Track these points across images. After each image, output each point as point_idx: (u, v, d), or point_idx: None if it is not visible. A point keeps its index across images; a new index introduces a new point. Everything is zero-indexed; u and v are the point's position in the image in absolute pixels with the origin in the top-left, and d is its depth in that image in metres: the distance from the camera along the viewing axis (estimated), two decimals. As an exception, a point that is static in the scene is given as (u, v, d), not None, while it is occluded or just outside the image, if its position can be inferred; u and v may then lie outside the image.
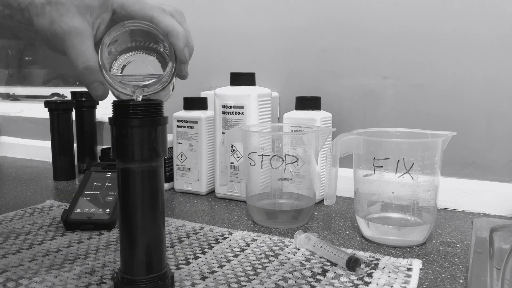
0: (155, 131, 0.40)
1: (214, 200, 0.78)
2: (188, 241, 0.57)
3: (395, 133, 0.62)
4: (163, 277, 0.41)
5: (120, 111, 0.39)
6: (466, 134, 0.73)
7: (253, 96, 0.73)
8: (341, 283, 0.45)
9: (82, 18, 0.42)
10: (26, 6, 0.43)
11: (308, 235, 0.55)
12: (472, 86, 0.72)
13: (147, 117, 0.39)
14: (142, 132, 0.39)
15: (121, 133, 0.39)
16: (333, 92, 0.82)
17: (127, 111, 0.39)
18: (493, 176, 0.72)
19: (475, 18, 0.71)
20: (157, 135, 0.40)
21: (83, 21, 0.43)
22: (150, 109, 0.39)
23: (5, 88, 1.57)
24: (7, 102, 1.49)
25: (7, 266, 0.49)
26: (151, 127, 0.39)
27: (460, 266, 0.51)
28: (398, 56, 0.77)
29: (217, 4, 0.92)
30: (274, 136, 0.67)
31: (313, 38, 0.83)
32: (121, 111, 0.39)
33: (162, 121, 0.40)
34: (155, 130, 0.40)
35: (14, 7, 0.44)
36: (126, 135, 0.39)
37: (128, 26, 0.41)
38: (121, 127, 0.39)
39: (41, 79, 1.57)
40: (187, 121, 0.79)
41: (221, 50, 0.93)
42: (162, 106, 0.41)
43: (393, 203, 0.58)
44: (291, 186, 0.66)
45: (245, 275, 0.47)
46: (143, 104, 0.39)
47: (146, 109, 0.39)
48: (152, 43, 0.42)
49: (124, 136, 0.39)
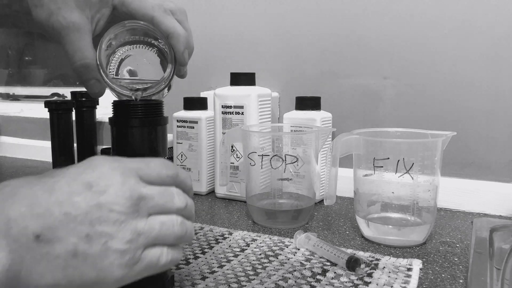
0: (155, 131, 0.40)
1: (214, 200, 0.78)
2: (188, 241, 0.57)
3: (395, 133, 0.62)
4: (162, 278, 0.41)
5: (120, 111, 0.39)
6: (466, 134, 0.73)
7: (253, 96, 0.73)
8: (341, 283, 0.45)
9: (81, 12, 0.41)
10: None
11: (308, 235, 0.55)
12: (472, 86, 0.72)
13: (147, 117, 0.39)
14: (142, 132, 0.39)
15: (121, 133, 0.39)
16: (333, 92, 0.82)
17: (127, 111, 0.39)
18: (493, 176, 0.72)
19: (475, 17, 0.71)
20: (157, 135, 0.40)
21: (81, 15, 0.41)
22: (150, 109, 0.39)
23: (5, 88, 1.57)
24: (7, 102, 1.49)
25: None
26: (151, 127, 0.39)
27: (460, 266, 0.51)
28: (398, 56, 0.77)
29: (217, 4, 0.92)
30: (274, 136, 0.67)
31: (313, 38, 0.83)
32: (121, 111, 0.39)
33: (162, 121, 0.40)
34: (155, 130, 0.40)
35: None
36: (126, 135, 0.39)
37: (128, 26, 0.41)
38: (121, 127, 0.39)
39: (41, 79, 1.57)
40: (187, 121, 0.79)
41: (221, 50, 0.93)
42: (162, 106, 0.41)
43: (393, 203, 0.58)
44: (291, 186, 0.66)
45: (245, 275, 0.47)
46: (143, 104, 0.39)
47: (146, 109, 0.39)
48: (152, 39, 0.42)
49: (124, 136, 0.39)
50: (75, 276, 0.29)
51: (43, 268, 0.28)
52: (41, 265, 0.28)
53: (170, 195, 0.35)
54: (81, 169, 0.32)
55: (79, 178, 0.31)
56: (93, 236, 0.29)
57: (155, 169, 0.35)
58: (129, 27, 0.41)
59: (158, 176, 0.34)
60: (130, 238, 0.31)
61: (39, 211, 0.29)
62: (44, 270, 0.28)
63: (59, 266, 0.28)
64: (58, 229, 0.29)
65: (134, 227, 0.31)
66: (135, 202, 0.32)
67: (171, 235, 0.34)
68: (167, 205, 0.34)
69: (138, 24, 0.41)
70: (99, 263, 0.30)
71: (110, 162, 0.33)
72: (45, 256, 0.28)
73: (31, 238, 0.28)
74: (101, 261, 0.30)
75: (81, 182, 0.31)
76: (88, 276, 0.29)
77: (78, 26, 0.41)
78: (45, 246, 0.28)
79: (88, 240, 0.29)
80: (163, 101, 0.41)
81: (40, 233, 0.28)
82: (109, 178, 0.32)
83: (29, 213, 0.28)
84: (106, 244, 0.30)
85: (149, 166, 0.34)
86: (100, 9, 0.42)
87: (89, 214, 0.30)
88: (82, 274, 0.29)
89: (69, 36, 0.41)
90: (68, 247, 0.29)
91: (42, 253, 0.28)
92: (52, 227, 0.28)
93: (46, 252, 0.28)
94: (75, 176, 0.31)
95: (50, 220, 0.29)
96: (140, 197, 0.32)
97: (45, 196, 0.29)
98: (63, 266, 0.29)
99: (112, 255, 0.30)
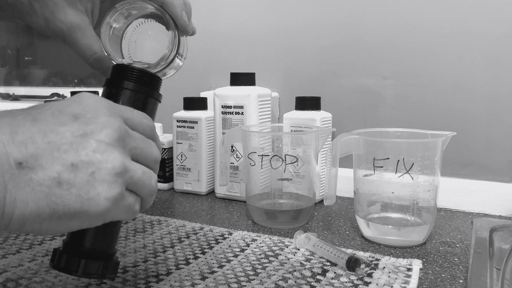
0: (146, 100, 0.39)
1: (214, 200, 0.78)
2: (188, 241, 0.57)
3: (395, 133, 0.62)
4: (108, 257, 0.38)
5: (117, 72, 0.39)
6: (466, 134, 0.73)
7: (253, 96, 0.73)
8: (341, 283, 0.45)
9: (74, 9, 0.41)
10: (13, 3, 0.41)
11: (308, 235, 0.55)
12: (472, 86, 0.72)
13: (141, 83, 0.39)
14: (135, 96, 0.38)
15: (112, 93, 0.38)
16: (333, 92, 0.82)
17: (123, 73, 0.38)
18: (493, 176, 0.72)
19: (475, 18, 0.71)
20: (147, 105, 0.39)
21: (76, 12, 0.41)
22: (147, 78, 0.39)
23: (5, 88, 1.57)
24: (7, 102, 1.49)
25: (7, 266, 0.48)
26: (143, 94, 0.39)
27: (460, 266, 0.51)
28: (398, 56, 0.77)
29: (217, 4, 0.92)
30: (274, 136, 0.67)
31: (313, 38, 0.83)
32: (118, 73, 0.39)
33: (155, 95, 0.40)
34: (146, 100, 0.39)
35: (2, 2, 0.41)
36: (117, 95, 0.38)
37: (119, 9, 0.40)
38: (114, 87, 0.39)
39: (40, 79, 1.58)
40: (187, 121, 0.79)
41: (221, 50, 0.93)
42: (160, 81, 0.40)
43: (393, 203, 0.58)
44: (291, 186, 0.66)
45: (245, 275, 0.47)
46: (141, 70, 0.39)
47: (143, 75, 0.39)
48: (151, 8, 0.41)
49: (115, 95, 0.38)
50: (58, 205, 0.28)
51: (27, 195, 0.27)
52: (24, 192, 0.27)
53: (150, 144, 0.34)
54: (67, 102, 0.32)
55: (64, 110, 0.30)
56: (78, 165, 0.29)
57: (138, 116, 0.34)
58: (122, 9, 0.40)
59: (140, 123, 0.34)
60: (119, 171, 0.30)
61: (21, 139, 0.28)
62: (27, 197, 0.27)
63: (42, 194, 0.28)
64: (42, 157, 0.28)
65: (122, 161, 0.30)
66: (122, 136, 0.31)
67: (148, 187, 0.33)
68: (147, 152, 0.34)
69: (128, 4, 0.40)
70: (85, 193, 0.29)
71: (97, 97, 0.33)
72: (28, 183, 0.27)
73: (13, 165, 0.27)
74: (87, 191, 0.29)
75: (66, 113, 0.30)
76: (72, 206, 0.28)
77: (77, 24, 0.41)
78: (27, 173, 0.27)
79: (73, 169, 0.28)
80: (161, 78, 0.40)
81: (22, 160, 0.27)
82: (96, 110, 0.31)
83: (11, 140, 0.27)
84: (93, 174, 0.29)
85: (133, 112, 0.34)
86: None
87: (74, 144, 0.29)
88: (66, 203, 0.28)
89: (72, 37, 0.41)
90: (51, 174, 0.28)
91: (25, 180, 0.27)
92: (35, 155, 0.28)
93: (29, 179, 0.27)
94: (61, 108, 0.31)
95: (32, 148, 0.28)
96: (127, 133, 0.32)
97: (28, 125, 0.28)
98: (46, 194, 0.28)
99: (99, 186, 0.29)
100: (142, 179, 0.32)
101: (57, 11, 0.41)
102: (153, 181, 0.34)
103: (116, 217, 0.32)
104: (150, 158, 0.34)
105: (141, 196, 0.33)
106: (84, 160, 0.29)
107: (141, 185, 0.32)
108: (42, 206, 0.28)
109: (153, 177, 0.34)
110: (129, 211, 0.32)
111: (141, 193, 0.33)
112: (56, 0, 0.41)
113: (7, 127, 0.28)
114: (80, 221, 0.30)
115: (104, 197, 0.29)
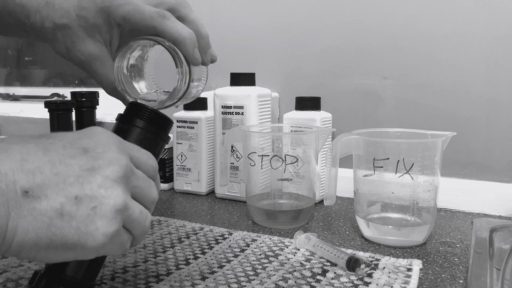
0: (155, 140, 0.40)
1: (214, 200, 0.78)
2: (188, 242, 0.57)
3: (395, 133, 0.62)
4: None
5: (131, 109, 0.40)
6: (466, 134, 0.73)
7: (253, 97, 0.73)
8: (341, 284, 0.45)
9: (94, 40, 0.42)
10: (39, 29, 0.42)
11: (308, 235, 0.55)
12: (472, 86, 0.72)
13: (152, 124, 0.40)
14: (144, 134, 0.39)
15: (123, 128, 0.39)
16: (333, 92, 0.82)
17: (136, 111, 0.39)
18: (493, 176, 0.72)
19: (474, 18, 0.71)
20: (156, 145, 0.40)
21: (95, 43, 0.42)
22: (158, 119, 0.40)
23: (5, 89, 1.57)
24: (7, 102, 1.49)
25: (7, 266, 0.48)
26: (153, 134, 0.40)
27: (460, 266, 0.51)
28: (398, 56, 0.77)
29: (217, 4, 0.92)
30: (274, 137, 0.67)
31: (313, 38, 0.83)
32: (132, 110, 0.40)
33: (165, 136, 0.41)
34: (155, 140, 0.40)
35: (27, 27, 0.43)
36: (128, 131, 0.39)
37: (133, 45, 0.41)
38: (125, 123, 0.39)
39: (41, 79, 1.57)
40: (187, 121, 0.79)
41: (221, 50, 0.92)
42: (170, 125, 0.41)
43: (393, 203, 0.58)
44: (291, 187, 0.66)
45: (245, 276, 0.47)
46: (154, 111, 0.40)
47: (155, 117, 0.40)
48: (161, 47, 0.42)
49: (125, 131, 0.39)
50: (57, 236, 0.28)
51: (28, 223, 0.28)
52: (26, 221, 0.28)
53: (151, 184, 0.35)
54: (79, 135, 0.32)
55: (75, 143, 0.31)
56: (82, 198, 0.29)
57: (144, 155, 0.35)
58: (136, 45, 0.42)
59: (145, 163, 0.35)
60: (120, 208, 0.30)
61: (29, 167, 0.28)
62: (28, 226, 0.28)
63: (43, 224, 0.28)
64: (47, 187, 0.28)
65: (124, 199, 0.31)
66: (127, 174, 0.32)
67: (142, 227, 0.34)
68: (147, 192, 0.34)
69: (142, 41, 0.41)
70: (84, 227, 0.29)
71: (108, 132, 0.33)
72: (31, 211, 0.28)
73: (19, 193, 0.27)
74: (86, 225, 0.29)
75: (77, 146, 0.31)
76: (70, 238, 0.29)
77: (96, 55, 0.43)
78: (32, 202, 0.28)
79: (76, 202, 0.29)
80: (171, 121, 0.41)
81: (29, 189, 0.28)
82: (106, 146, 0.32)
83: (20, 168, 0.28)
84: (95, 209, 0.29)
85: (140, 151, 0.35)
86: (108, 30, 0.43)
87: (80, 178, 0.29)
88: (64, 235, 0.29)
89: (91, 67, 0.43)
90: (55, 205, 0.28)
91: (28, 208, 0.28)
92: (41, 185, 0.28)
93: (32, 208, 0.28)
94: (72, 140, 0.31)
95: (39, 177, 0.28)
96: (132, 171, 0.32)
97: (39, 154, 0.29)
98: (47, 224, 0.28)
99: (99, 221, 0.29)
100: (138, 218, 0.33)
101: (77, 41, 0.42)
102: (148, 222, 0.34)
103: (109, 252, 0.32)
104: (149, 198, 0.35)
105: (134, 235, 0.34)
106: (88, 194, 0.29)
107: (136, 225, 0.33)
108: (41, 235, 0.28)
109: (148, 217, 0.34)
110: (120, 248, 0.33)
111: (135, 231, 0.33)
112: (77, 31, 0.42)
113: (19, 155, 0.28)
114: (75, 253, 0.30)
115: (102, 233, 0.30)
